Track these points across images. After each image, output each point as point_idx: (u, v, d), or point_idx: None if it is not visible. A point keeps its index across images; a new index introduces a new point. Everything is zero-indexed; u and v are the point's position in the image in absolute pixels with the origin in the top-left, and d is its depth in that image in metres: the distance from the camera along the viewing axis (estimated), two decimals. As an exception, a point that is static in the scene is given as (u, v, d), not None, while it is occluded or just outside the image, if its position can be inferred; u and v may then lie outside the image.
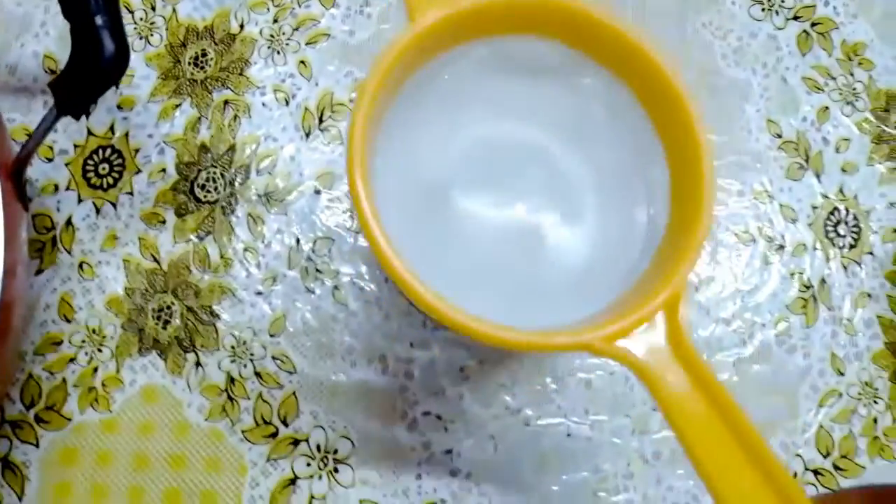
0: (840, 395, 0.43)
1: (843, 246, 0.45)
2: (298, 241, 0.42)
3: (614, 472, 0.41)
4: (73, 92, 0.33)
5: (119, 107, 0.44)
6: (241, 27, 0.46)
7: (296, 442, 0.40)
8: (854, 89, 0.47)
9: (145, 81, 0.44)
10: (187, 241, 0.42)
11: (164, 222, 0.42)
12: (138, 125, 0.44)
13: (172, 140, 0.43)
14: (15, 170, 0.34)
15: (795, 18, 0.49)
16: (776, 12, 0.49)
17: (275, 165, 0.43)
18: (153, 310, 0.41)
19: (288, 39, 0.45)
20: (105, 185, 0.43)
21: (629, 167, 0.29)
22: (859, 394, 0.43)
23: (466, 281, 0.27)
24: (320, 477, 0.39)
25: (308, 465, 0.39)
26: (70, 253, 0.42)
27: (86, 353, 0.40)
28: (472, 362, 0.41)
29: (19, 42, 0.45)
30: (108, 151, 0.43)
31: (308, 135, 0.44)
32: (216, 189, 0.43)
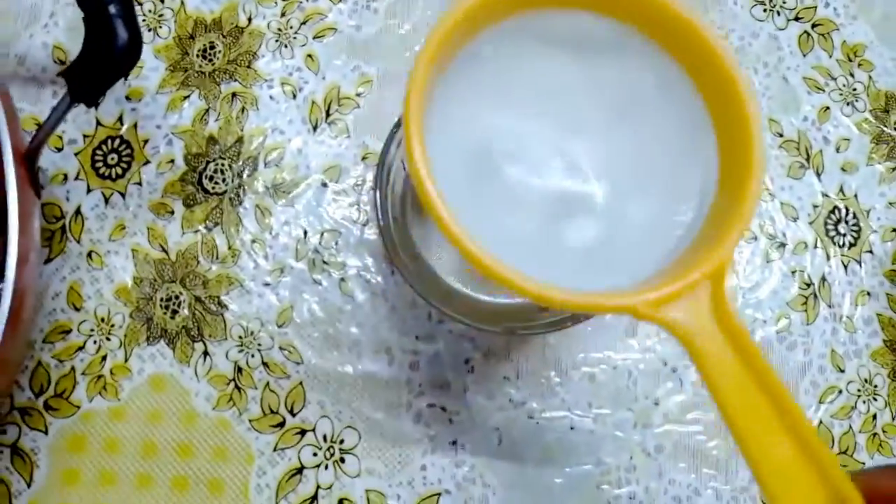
0: (840, 392, 0.43)
1: (843, 244, 0.46)
2: (306, 233, 0.43)
3: (617, 465, 0.41)
4: (86, 80, 0.33)
5: (127, 98, 0.44)
6: (249, 20, 0.46)
7: (302, 432, 0.40)
8: (854, 90, 0.48)
9: (154, 73, 0.45)
10: (195, 232, 0.42)
11: (173, 213, 0.42)
12: (147, 116, 0.44)
13: (180, 131, 0.44)
14: (28, 157, 0.34)
15: (797, 19, 0.49)
16: (778, 13, 0.49)
17: (282, 158, 0.44)
18: (161, 299, 0.41)
19: (295, 33, 0.46)
20: (114, 175, 0.43)
21: (678, 141, 0.30)
22: (858, 390, 0.43)
23: (518, 249, 0.27)
24: (326, 466, 0.40)
25: (314, 455, 0.40)
26: (79, 242, 0.42)
27: (94, 342, 0.40)
28: (478, 355, 0.42)
29: (28, 32, 0.45)
30: (117, 142, 0.43)
31: (315, 128, 0.44)
32: (224, 181, 0.43)
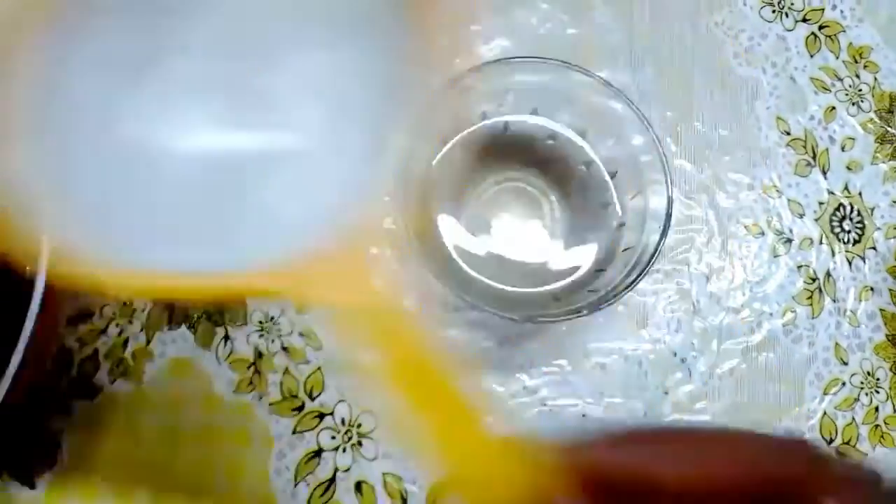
0: (843, 384, 0.44)
1: (848, 241, 0.47)
2: (324, 222, 0.43)
3: (627, 453, 0.42)
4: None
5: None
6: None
7: (321, 415, 0.41)
8: (860, 91, 0.49)
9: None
10: (216, 219, 0.43)
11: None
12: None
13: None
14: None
15: (804, 21, 0.50)
16: (786, 14, 0.50)
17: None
18: (183, 285, 0.42)
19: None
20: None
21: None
22: (861, 383, 0.45)
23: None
24: (344, 450, 0.40)
25: (333, 438, 0.41)
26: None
27: (116, 325, 0.41)
28: (491, 343, 0.43)
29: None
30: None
31: (335, 119, 0.45)
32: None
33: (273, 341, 0.41)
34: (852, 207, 0.47)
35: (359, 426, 0.41)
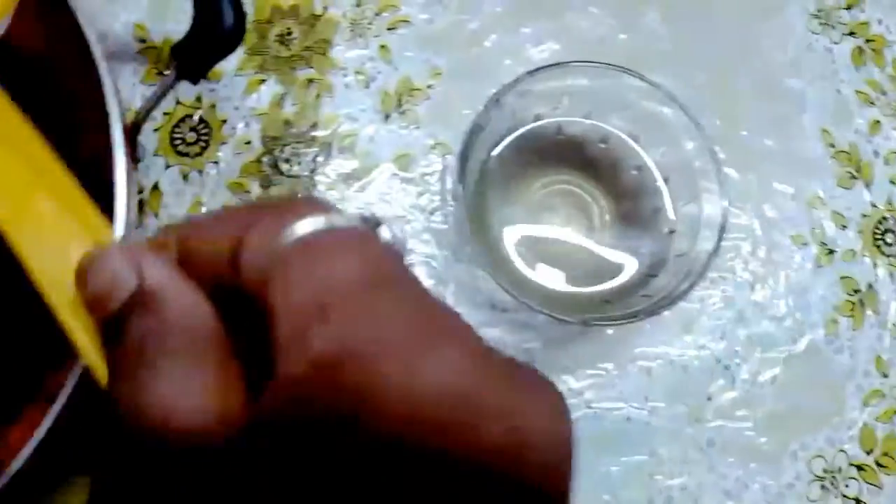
0: (884, 396, 0.45)
1: (890, 254, 0.47)
2: (376, 219, 0.44)
3: (670, 457, 0.42)
4: (193, 58, 0.34)
5: (207, 78, 0.45)
6: (325, 9, 0.47)
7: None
8: (904, 105, 0.50)
9: (232, 55, 0.45)
10: (270, 212, 0.43)
11: (249, 192, 0.43)
12: (225, 97, 0.45)
13: (258, 114, 0.45)
14: (132, 129, 0.35)
15: (851, 34, 0.51)
16: (833, 27, 0.51)
17: (354, 145, 0.45)
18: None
19: (370, 24, 0.47)
20: (192, 154, 0.44)
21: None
22: (901, 395, 0.45)
23: None
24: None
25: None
26: (157, 216, 0.43)
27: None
28: (537, 344, 0.43)
29: (110, 10, 0.46)
30: (196, 121, 0.44)
31: (387, 117, 0.45)
32: (299, 164, 0.44)
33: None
34: (895, 220, 0.48)
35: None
